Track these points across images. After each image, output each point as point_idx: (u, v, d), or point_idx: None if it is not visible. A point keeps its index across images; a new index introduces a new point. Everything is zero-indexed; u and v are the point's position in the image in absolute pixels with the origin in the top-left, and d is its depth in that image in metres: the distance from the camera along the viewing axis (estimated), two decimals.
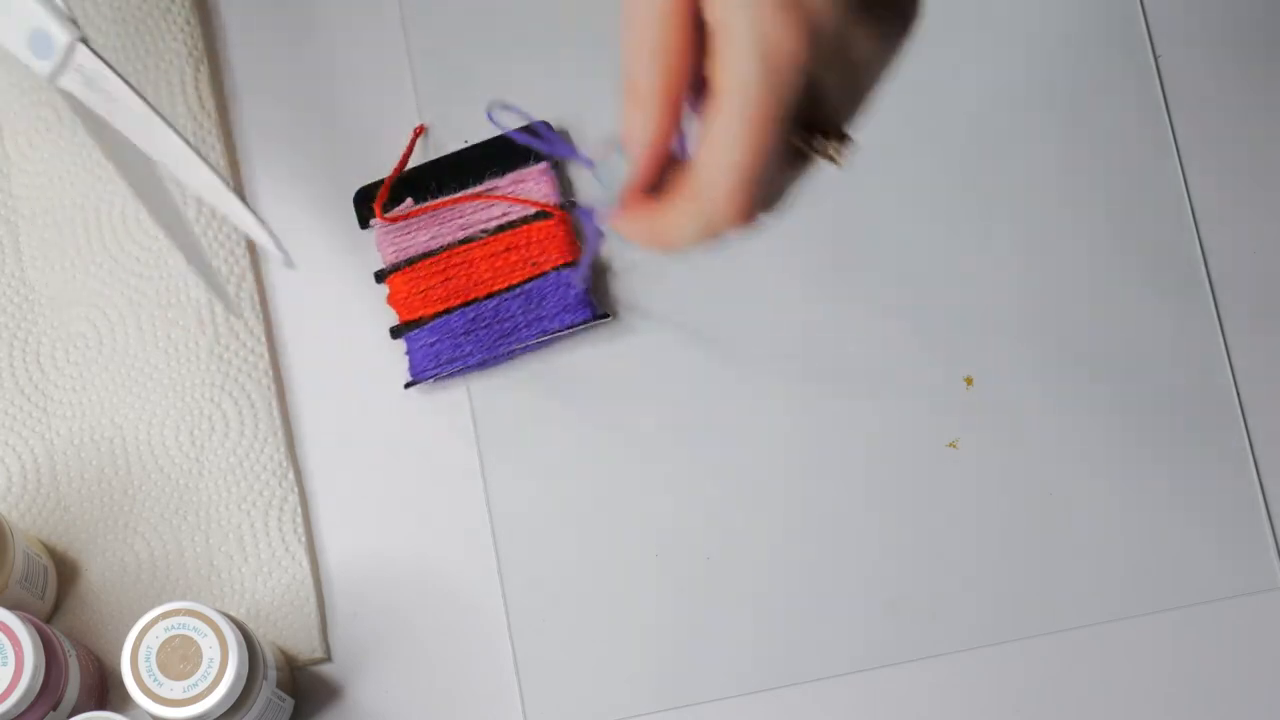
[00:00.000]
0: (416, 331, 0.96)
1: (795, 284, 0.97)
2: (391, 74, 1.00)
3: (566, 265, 0.96)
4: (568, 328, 0.96)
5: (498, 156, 0.98)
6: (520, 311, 0.96)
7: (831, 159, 0.70)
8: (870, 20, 0.69)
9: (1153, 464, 0.95)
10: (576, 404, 0.96)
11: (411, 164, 0.98)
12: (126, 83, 0.84)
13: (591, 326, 0.96)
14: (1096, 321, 0.97)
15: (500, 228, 0.97)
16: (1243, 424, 0.96)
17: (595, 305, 0.96)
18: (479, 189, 0.98)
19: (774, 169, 0.69)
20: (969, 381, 0.96)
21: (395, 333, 0.97)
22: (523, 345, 0.96)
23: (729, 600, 0.94)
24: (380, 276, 0.97)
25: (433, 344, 0.96)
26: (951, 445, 0.96)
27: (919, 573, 0.94)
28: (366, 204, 0.98)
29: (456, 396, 0.97)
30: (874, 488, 0.95)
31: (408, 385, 0.96)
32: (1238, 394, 0.96)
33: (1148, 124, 0.99)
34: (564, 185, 0.98)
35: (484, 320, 0.96)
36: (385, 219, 0.97)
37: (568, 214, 0.97)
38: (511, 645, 0.94)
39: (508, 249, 0.97)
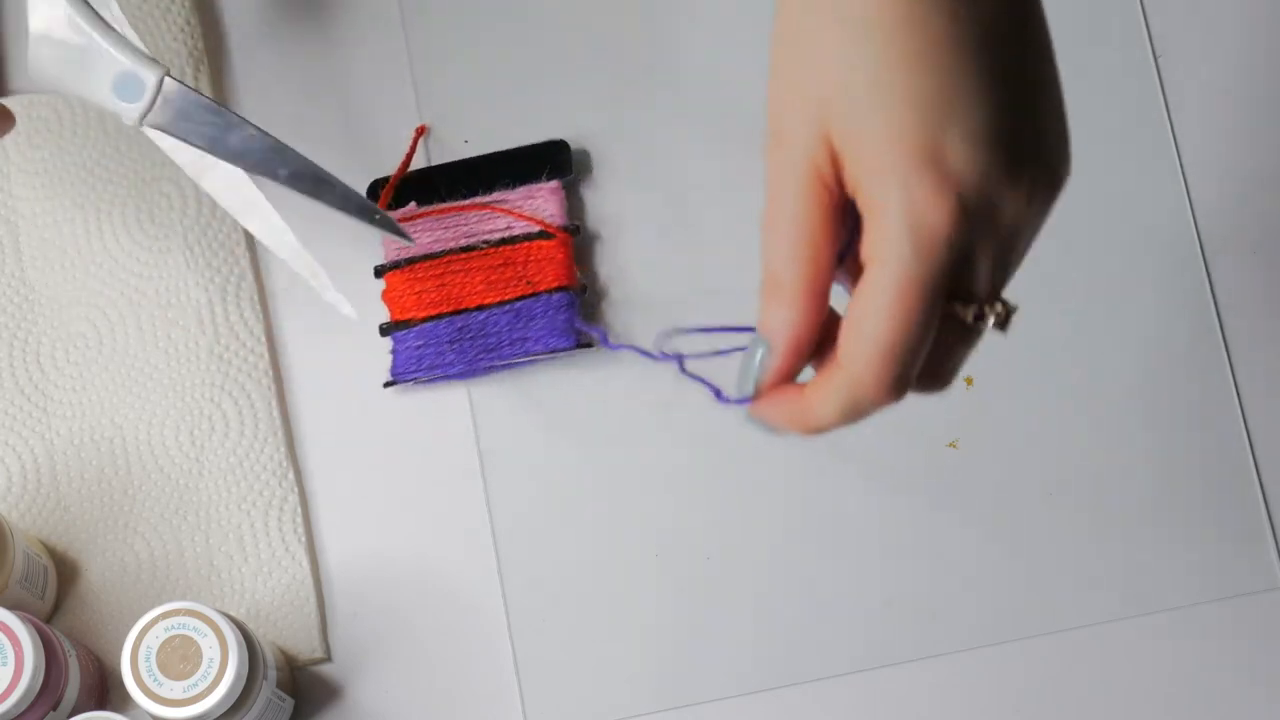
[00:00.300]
0: (404, 332, 0.96)
1: None
2: (391, 74, 1.00)
3: (561, 289, 0.96)
4: (550, 351, 0.96)
5: (513, 167, 0.98)
6: (507, 328, 0.96)
7: (997, 327, 0.69)
8: (1018, 186, 0.68)
9: (1153, 464, 0.95)
10: (576, 404, 0.96)
11: (423, 165, 0.98)
12: (220, 105, 0.84)
13: (574, 353, 0.96)
14: (1096, 321, 0.97)
15: (502, 241, 0.97)
16: (1243, 424, 0.96)
17: (580, 334, 0.96)
18: (488, 199, 0.97)
19: (926, 344, 0.67)
20: (969, 381, 0.96)
21: (384, 330, 0.97)
22: (504, 362, 0.96)
23: (729, 600, 0.94)
24: (379, 272, 0.97)
25: (418, 347, 0.96)
26: (951, 445, 0.96)
27: (919, 573, 0.94)
28: (378, 196, 0.98)
29: (457, 397, 0.97)
30: (874, 488, 0.95)
31: (387, 384, 0.96)
32: (1238, 394, 0.96)
33: (1148, 124, 0.99)
34: (572, 208, 0.98)
35: (470, 331, 0.96)
36: (392, 214, 0.97)
37: (570, 237, 0.97)
38: (511, 645, 0.94)
39: (505, 263, 0.97)
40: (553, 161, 0.97)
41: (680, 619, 0.94)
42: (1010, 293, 0.97)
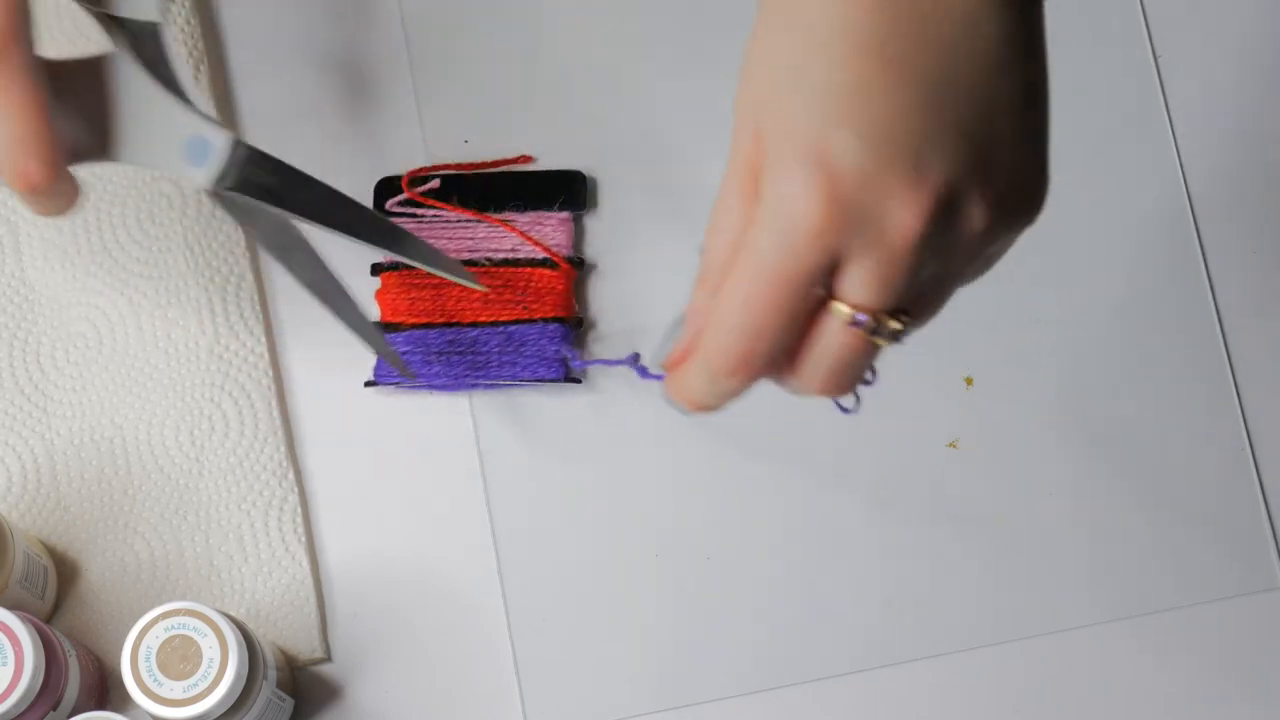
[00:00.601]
0: (392, 335, 0.96)
1: None
2: (392, 74, 1.00)
3: (557, 320, 0.96)
4: (537, 380, 0.95)
5: (527, 190, 0.98)
6: (497, 350, 0.96)
7: (876, 338, 0.67)
8: (910, 197, 0.63)
9: (1153, 464, 0.95)
10: (577, 405, 0.96)
11: (423, 165, 0.98)
12: (288, 165, 0.84)
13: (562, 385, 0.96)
14: (1095, 321, 0.97)
15: (505, 261, 0.97)
16: (1243, 424, 0.96)
17: (570, 368, 0.96)
18: (499, 216, 0.97)
19: (781, 334, 0.66)
20: (969, 381, 0.96)
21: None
22: (489, 383, 0.96)
23: (729, 600, 0.94)
24: (376, 270, 0.97)
25: (404, 353, 0.96)
26: (951, 445, 0.96)
27: (919, 573, 0.94)
28: (385, 195, 0.98)
29: (457, 397, 0.97)
30: (874, 488, 0.95)
31: (368, 384, 0.96)
32: (1238, 394, 0.96)
33: (1148, 124, 0.99)
34: (578, 240, 0.98)
35: (460, 347, 0.96)
36: (411, 194, 0.97)
37: (574, 270, 0.97)
38: (511, 645, 0.94)
39: (505, 284, 0.97)
40: (567, 191, 0.97)
41: (680, 619, 0.94)
42: (1010, 291, 0.97)
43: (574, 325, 0.96)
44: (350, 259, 0.98)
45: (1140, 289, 0.97)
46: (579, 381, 0.96)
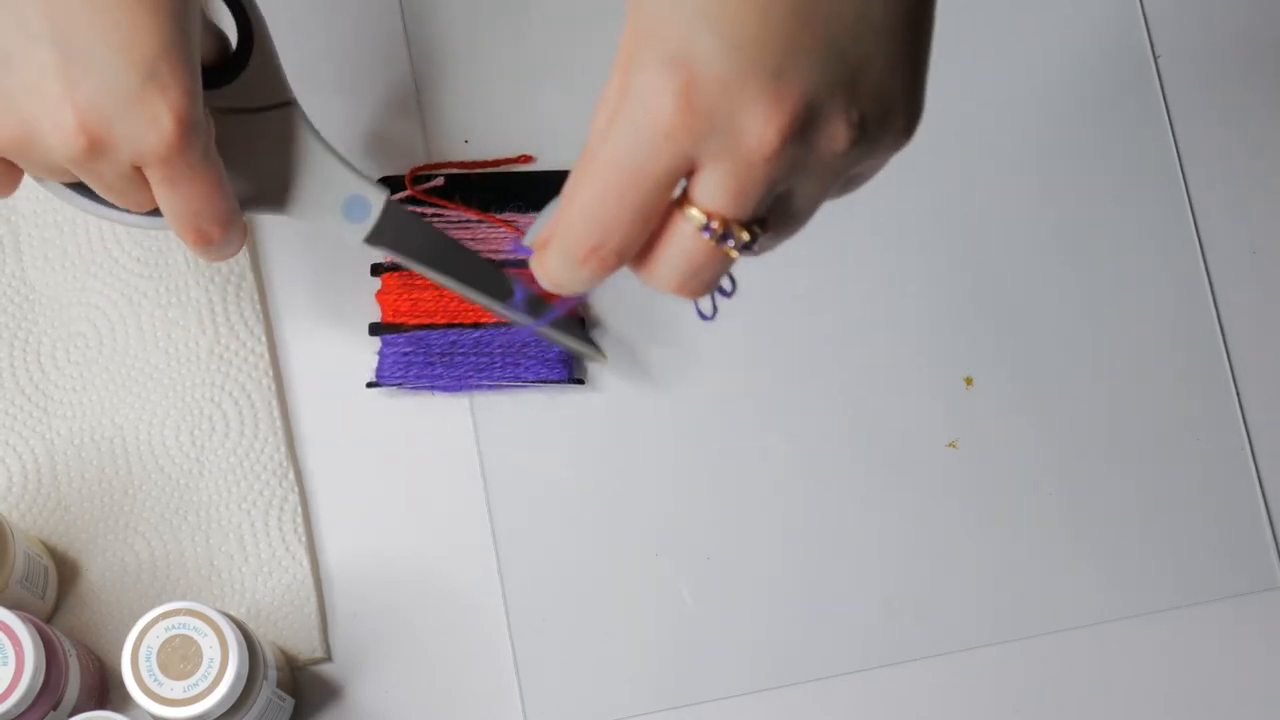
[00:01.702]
0: (394, 336, 0.96)
1: (796, 284, 0.97)
2: (392, 74, 1.00)
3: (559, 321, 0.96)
4: (541, 381, 0.95)
5: (527, 192, 0.98)
6: (500, 351, 0.96)
7: (723, 245, 0.66)
8: (771, 105, 0.62)
9: (1153, 464, 0.95)
10: (577, 405, 0.96)
11: (423, 165, 0.98)
12: (439, 229, 0.90)
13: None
14: (1096, 321, 0.97)
15: (507, 263, 0.97)
16: (1243, 424, 0.96)
17: (573, 367, 0.96)
18: (502, 216, 0.97)
19: (631, 228, 0.66)
20: (969, 381, 0.96)
21: (373, 330, 0.97)
22: (492, 384, 0.96)
23: (729, 600, 0.94)
24: (377, 270, 0.97)
25: (406, 353, 0.96)
26: (951, 445, 0.96)
27: (919, 573, 0.94)
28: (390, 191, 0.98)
29: (458, 397, 0.97)
30: (874, 488, 0.95)
31: (370, 385, 0.96)
32: (1238, 394, 0.96)
33: (1148, 125, 0.99)
34: None
35: (463, 348, 0.96)
36: (414, 190, 0.97)
37: None
38: (511, 645, 0.94)
39: None
40: None
41: (680, 619, 0.94)
42: (1010, 291, 0.97)
43: (576, 326, 0.96)
44: (350, 259, 0.98)
45: (1141, 291, 0.97)
46: (581, 382, 0.96)
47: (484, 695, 0.94)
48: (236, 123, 0.85)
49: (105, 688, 0.93)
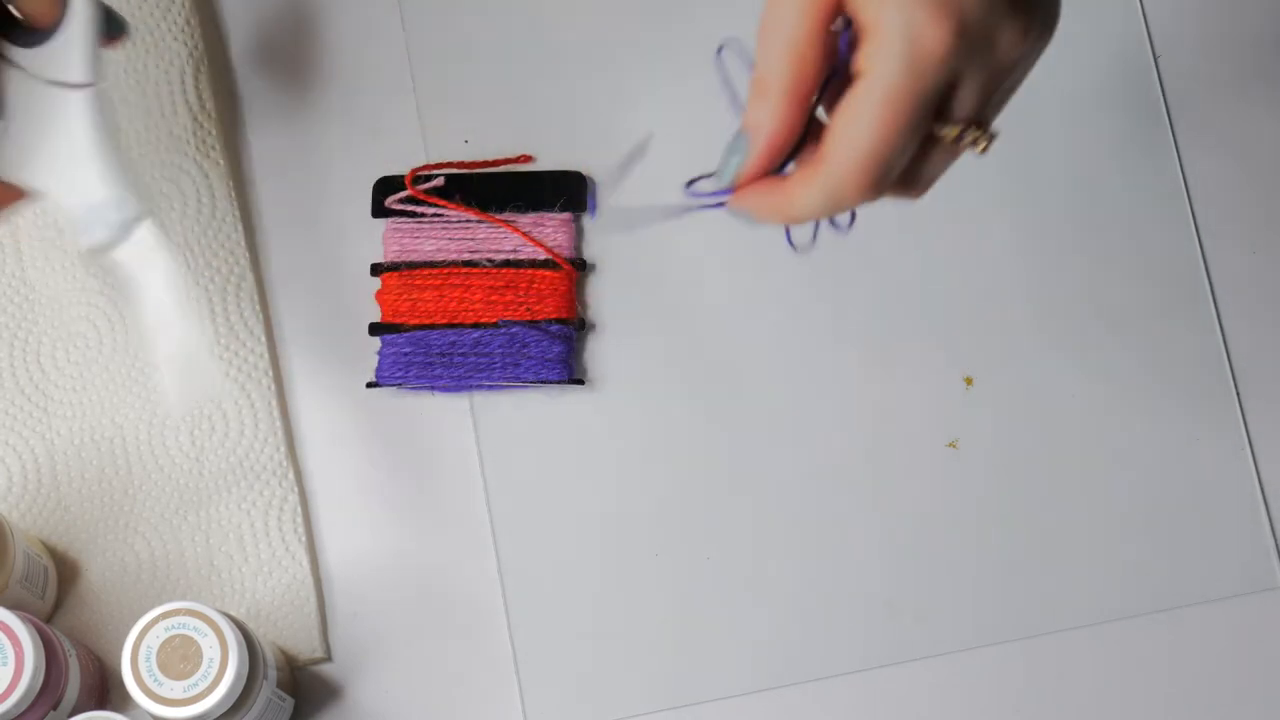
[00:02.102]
0: (394, 336, 0.96)
1: (796, 285, 0.97)
2: (392, 74, 1.00)
3: (560, 321, 0.96)
4: (540, 381, 0.96)
5: (525, 192, 0.98)
6: (500, 352, 0.96)
7: (973, 148, 0.75)
8: (1016, 18, 0.73)
9: (1153, 464, 0.95)
10: (577, 405, 0.96)
11: (424, 165, 0.98)
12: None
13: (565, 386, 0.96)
14: (1096, 321, 0.97)
15: (507, 262, 0.97)
16: (1243, 424, 0.96)
17: (573, 368, 0.96)
18: (501, 216, 0.97)
19: (906, 154, 0.73)
20: (969, 381, 0.96)
21: (373, 330, 0.97)
22: (492, 384, 0.96)
23: (729, 600, 0.94)
24: (376, 270, 0.97)
25: (406, 354, 0.96)
26: (951, 445, 0.96)
27: (919, 573, 0.94)
28: (384, 194, 0.98)
29: (457, 397, 0.97)
30: (874, 488, 0.95)
31: (370, 385, 0.96)
32: (1238, 394, 0.96)
33: (1148, 124, 0.99)
34: (579, 241, 0.98)
35: (462, 348, 0.96)
36: (414, 190, 0.97)
37: (576, 272, 0.97)
38: (511, 645, 0.94)
39: (507, 285, 0.97)
40: (569, 194, 0.97)
41: (680, 619, 0.94)
42: (1010, 291, 0.97)
43: (576, 327, 0.96)
44: (352, 268, 0.98)
45: (1140, 291, 0.97)
46: (581, 383, 0.96)
47: (484, 695, 0.94)
48: (32, 87, 0.83)
49: (105, 688, 0.93)
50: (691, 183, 0.81)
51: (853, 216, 0.81)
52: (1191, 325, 0.97)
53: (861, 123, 0.72)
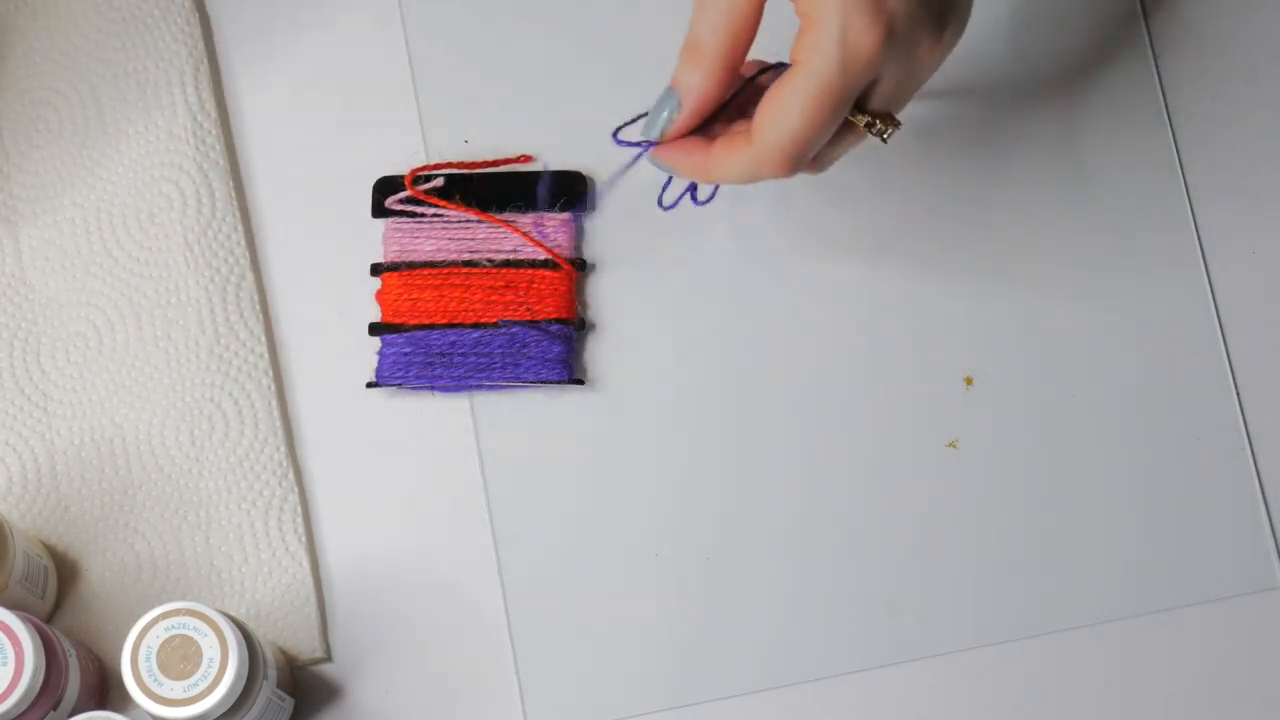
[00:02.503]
0: (394, 336, 0.96)
1: (796, 285, 0.97)
2: (391, 74, 1.00)
3: (560, 321, 0.96)
4: (541, 381, 0.95)
5: (527, 192, 0.98)
6: (500, 352, 0.96)
7: (879, 137, 0.83)
8: (936, 26, 0.81)
9: (1152, 464, 0.95)
10: (576, 405, 0.96)
11: (424, 165, 0.98)
12: None
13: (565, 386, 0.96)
14: (1096, 321, 0.97)
15: (507, 262, 0.97)
16: (1243, 424, 0.96)
17: (573, 368, 0.96)
18: (501, 216, 0.97)
19: (825, 139, 0.81)
20: (969, 381, 0.96)
21: (373, 330, 0.97)
22: (492, 384, 0.96)
23: (729, 600, 0.94)
24: (376, 270, 0.97)
25: (406, 354, 0.96)
26: (951, 445, 0.96)
27: (919, 573, 0.94)
28: (384, 194, 0.98)
29: (458, 397, 0.97)
30: (874, 488, 0.95)
31: (370, 385, 0.96)
32: (1238, 394, 0.96)
33: (1148, 126, 0.99)
34: (579, 241, 0.98)
35: (462, 348, 0.96)
36: (414, 190, 0.97)
37: (576, 272, 0.97)
38: (511, 645, 0.94)
39: (507, 285, 0.97)
40: (569, 194, 0.97)
41: (680, 619, 0.94)
42: (1010, 291, 0.97)
43: (576, 327, 0.96)
44: (352, 268, 0.98)
45: (1140, 290, 0.97)
46: (581, 383, 0.96)
47: (484, 695, 0.94)
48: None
49: (105, 688, 0.93)
50: (618, 130, 0.89)
51: (713, 193, 0.93)
52: (1191, 325, 0.97)
53: (792, 109, 0.80)
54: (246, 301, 0.97)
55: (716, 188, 0.93)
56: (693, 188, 0.93)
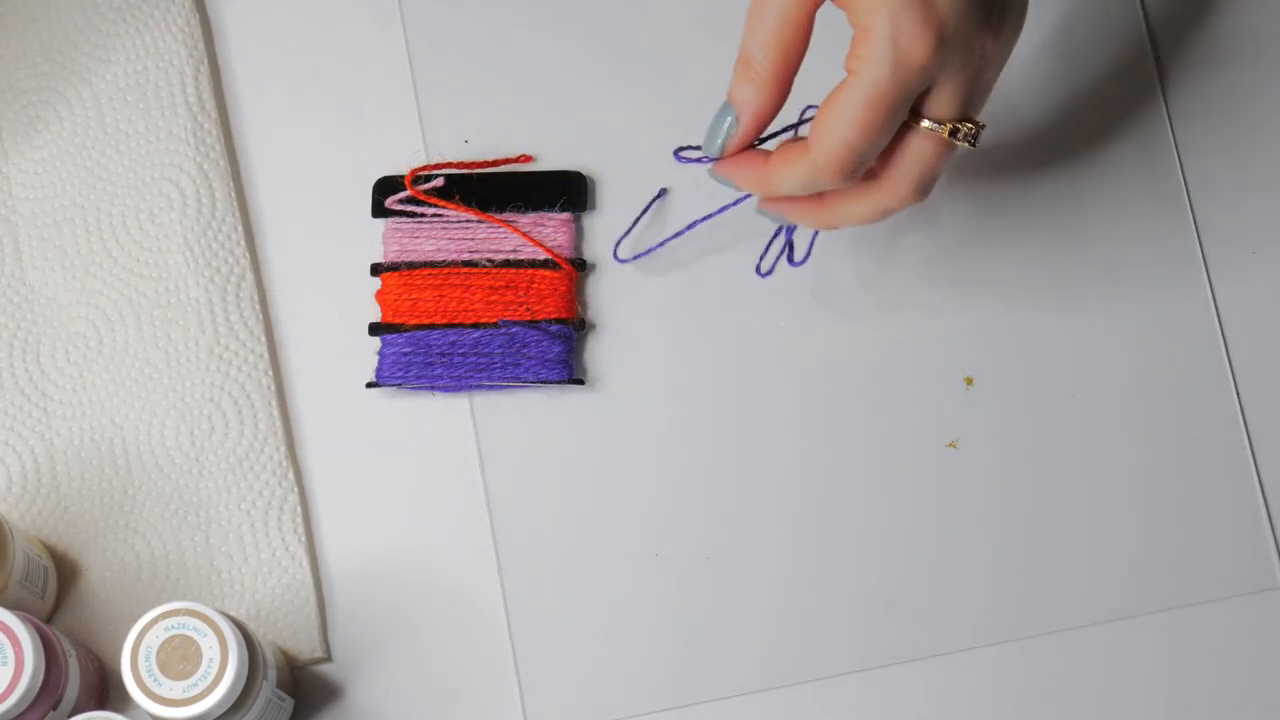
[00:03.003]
0: (394, 336, 0.96)
1: (796, 284, 0.97)
2: (391, 74, 1.00)
3: (560, 321, 0.96)
4: (541, 381, 0.96)
5: (526, 192, 0.98)
6: (500, 352, 0.96)
7: (966, 142, 0.83)
8: (990, 26, 0.81)
9: (1152, 464, 0.95)
10: (576, 404, 0.96)
11: (425, 165, 0.98)
12: None
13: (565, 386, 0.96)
14: (1096, 321, 0.97)
15: (506, 262, 0.97)
16: (1243, 424, 0.96)
17: (573, 368, 0.96)
18: (500, 216, 0.97)
19: (880, 146, 0.81)
20: (969, 381, 0.96)
21: (373, 330, 0.97)
22: (492, 384, 0.96)
23: (729, 600, 0.94)
24: (376, 270, 0.97)
25: (406, 354, 0.96)
26: (951, 445, 0.96)
27: (919, 573, 0.94)
28: (384, 194, 0.98)
29: (458, 397, 0.97)
30: (874, 488, 0.95)
31: (369, 385, 0.96)
32: (1238, 394, 0.96)
33: (1148, 125, 0.99)
34: (578, 241, 0.98)
35: (462, 348, 0.96)
36: (414, 190, 0.97)
37: (576, 272, 0.97)
38: (511, 645, 0.94)
39: (507, 285, 0.97)
40: (569, 193, 0.97)
41: (680, 619, 0.94)
42: (1010, 291, 0.97)
43: (576, 327, 0.96)
44: (351, 268, 0.98)
45: (1140, 289, 0.97)
46: (581, 383, 0.96)
47: (484, 695, 0.94)
48: None
49: (105, 688, 0.93)
50: (680, 150, 0.91)
51: (808, 253, 0.94)
52: (1191, 325, 0.97)
53: (847, 117, 0.80)
54: (246, 301, 0.97)
55: (811, 247, 0.94)
56: (788, 249, 0.95)
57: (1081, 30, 1.00)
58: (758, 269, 0.95)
